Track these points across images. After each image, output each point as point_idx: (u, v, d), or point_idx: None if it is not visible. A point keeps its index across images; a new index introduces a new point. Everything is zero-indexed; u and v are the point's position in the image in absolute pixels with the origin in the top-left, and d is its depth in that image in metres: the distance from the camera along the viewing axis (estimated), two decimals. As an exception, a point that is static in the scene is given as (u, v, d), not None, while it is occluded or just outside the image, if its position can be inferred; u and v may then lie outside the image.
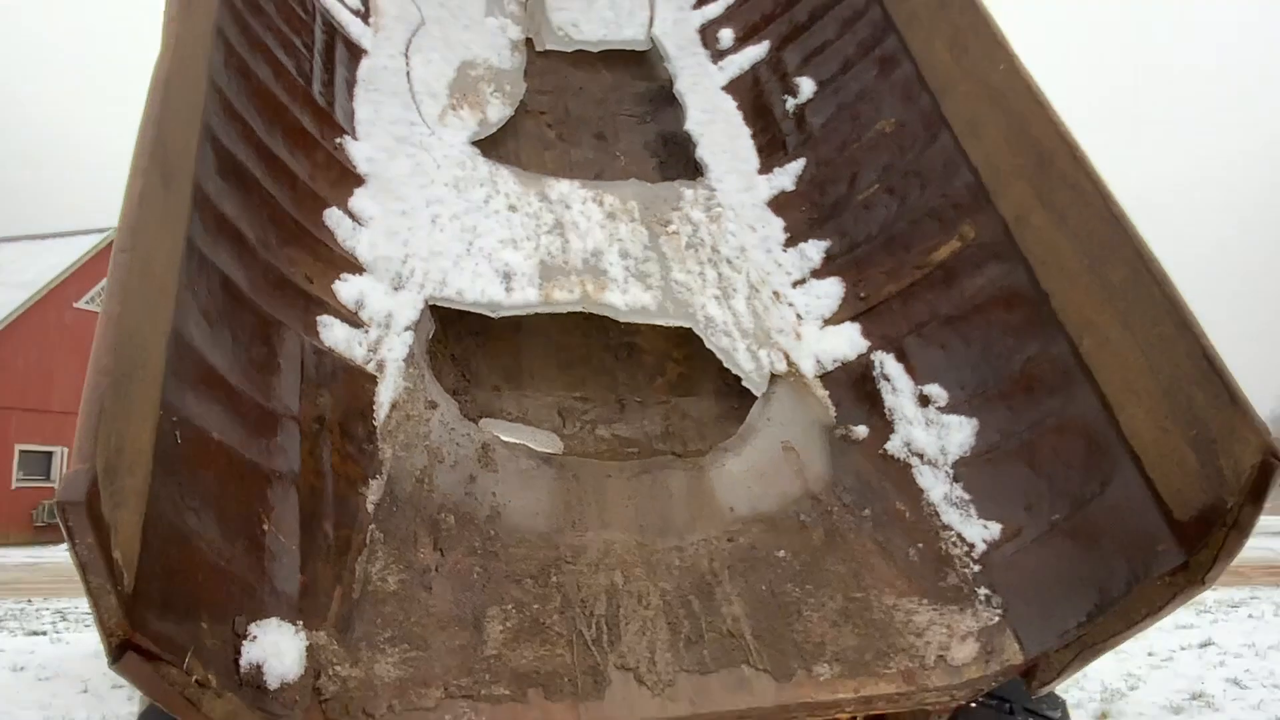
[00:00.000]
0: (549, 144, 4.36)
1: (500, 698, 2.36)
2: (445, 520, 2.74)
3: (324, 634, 2.29)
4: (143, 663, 1.79)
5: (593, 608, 2.60)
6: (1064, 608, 2.64)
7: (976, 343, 3.19)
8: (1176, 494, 2.51)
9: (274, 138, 3.20)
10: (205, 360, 2.36)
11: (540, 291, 3.39)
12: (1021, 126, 3.23)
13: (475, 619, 2.51)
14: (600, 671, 2.46)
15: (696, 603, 2.68)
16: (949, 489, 3.00)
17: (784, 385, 3.38)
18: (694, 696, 2.47)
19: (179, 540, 2.02)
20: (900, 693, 2.60)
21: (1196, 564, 2.43)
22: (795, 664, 2.59)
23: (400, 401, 2.95)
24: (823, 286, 3.66)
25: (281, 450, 2.51)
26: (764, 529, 2.96)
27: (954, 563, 2.86)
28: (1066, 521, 2.75)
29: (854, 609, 2.76)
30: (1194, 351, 2.52)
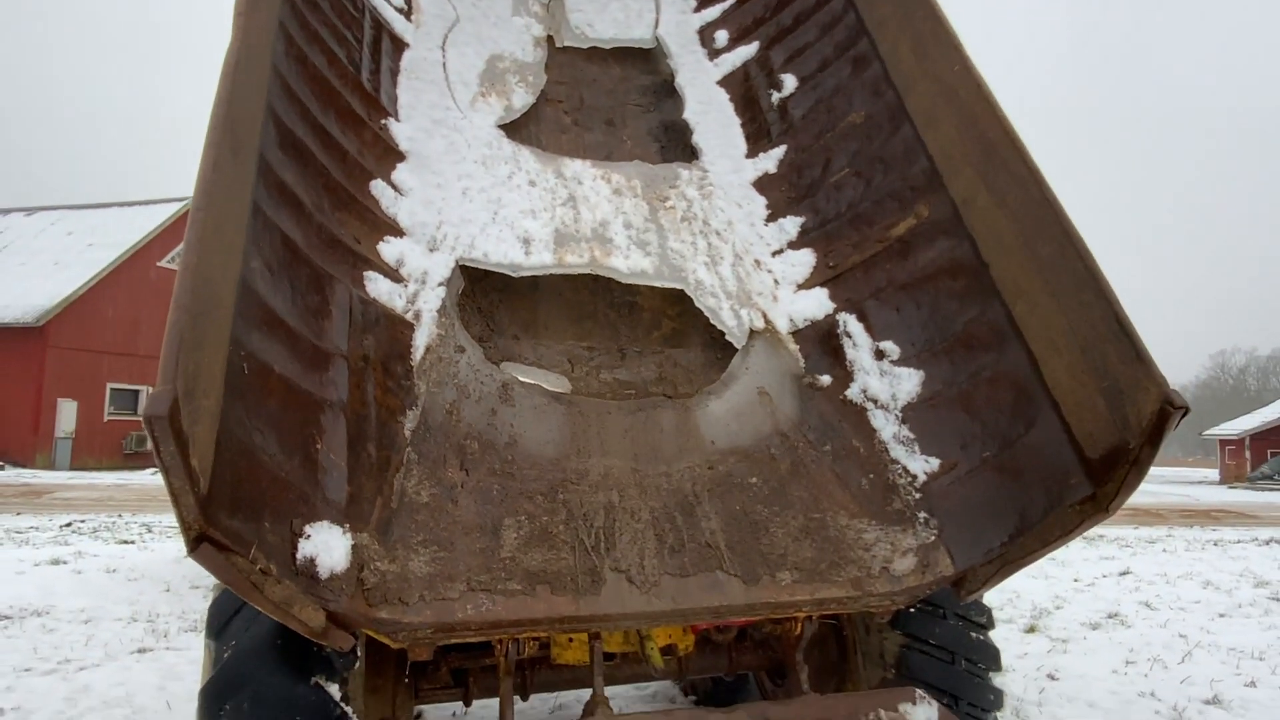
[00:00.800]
0: (565, 129, 4.37)
1: (513, 591, 2.45)
2: (470, 446, 2.82)
3: (366, 535, 2.38)
4: (215, 553, 1.88)
5: (592, 521, 2.68)
6: (990, 529, 2.72)
7: (926, 306, 3.23)
8: (1088, 436, 2.57)
9: (328, 118, 3.23)
10: (268, 305, 2.43)
11: (554, 255, 3.44)
12: (971, 120, 3.24)
13: (494, 527, 2.60)
14: (597, 572, 2.55)
15: (680, 519, 2.76)
16: (897, 429, 3.06)
17: (761, 340, 3.43)
18: (675, 595, 2.56)
19: (246, 454, 2.09)
20: (849, 596, 2.68)
21: (1102, 495, 2.49)
22: (761, 570, 2.67)
23: (433, 345, 3.02)
24: (797, 256, 3.70)
25: (332, 383, 2.58)
26: (739, 460, 3.03)
27: (899, 491, 2.93)
28: (995, 458, 2.81)
29: (813, 527, 2.84)
30: (1108, 315, 2.57)
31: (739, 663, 3.50)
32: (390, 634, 2.31)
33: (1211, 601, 8.44)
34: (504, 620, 2.40)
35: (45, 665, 5.65)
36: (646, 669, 3.37)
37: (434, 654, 3.19)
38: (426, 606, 2.35)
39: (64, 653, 5.94)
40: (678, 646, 3.22)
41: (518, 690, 3.25)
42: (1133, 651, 6.38)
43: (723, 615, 2.61)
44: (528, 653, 2.82)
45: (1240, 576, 9.97)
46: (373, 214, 3.23)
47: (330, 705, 2.49)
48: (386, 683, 3.04)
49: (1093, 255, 2.71)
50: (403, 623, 2.30)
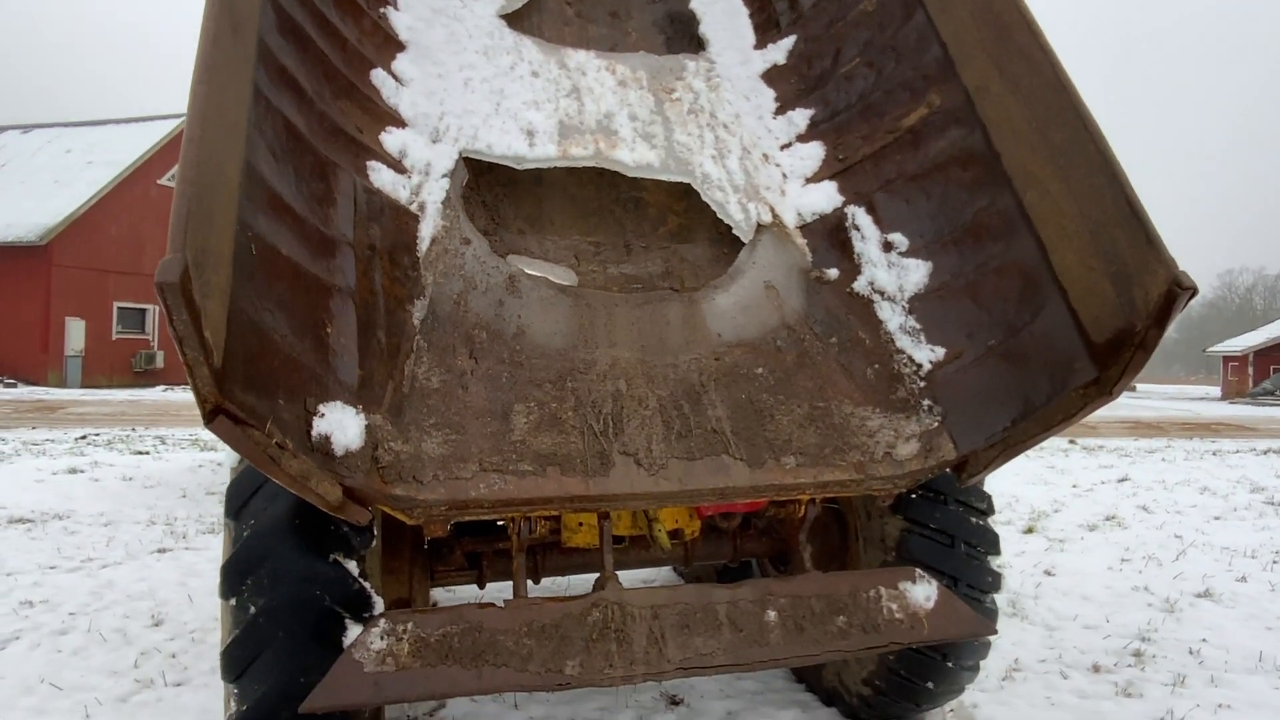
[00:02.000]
0: (568, 20, 4.25)
1: (524, 472, 2.50)
2: (479, 335, 2.84)
3: (379, 417, 2.42)
4: (231, 425, 1.91)
5: (601, 407, 2.72)
6: (993, 414, 2.74)
7: (935, 197, 3.20)
8: (1095, 321, 2.57)
9: (325, 3, 3.14)
10: (273, 189, 2.41)
11: (558, 147, 3.39)
12: (985, 3, 3.15)
13: (504, 412, 2.63)
14: (606, 455, 2.59)
15: (687, 406, 2.79)
16: (904, 320, 3.06)
17: (768, 234, 3.40)
18: (682, 476, 2.61)
19: (257, 333, 2.11)
20: (852, 479, 2.73)
21: (1106, 378, 2.50)
22: (766, 455, 2.72)
23: (439, 237, 3.00)
24: (806, 149, 3.64)
25: (340, 269, 2.58)
26: (745, 352, 3.04)
27: (904, 380, 2.95)
28: (1001, 345, 2.82)
29: (818, 415, 2.87)
30: (1119, 199, 2.54)
31: (743, 550, 3.59)
32: (406, 510, 2.37)
33: (1207, 506, 8.60)
34: (516, 499, 2.45)
35: (69, 563, 5.84)
36: (654, 553, 3.47)
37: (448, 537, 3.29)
38: (440, 485, 2.40)
39: (86, 552, 6.13)
40: (684, 531, 3.30)
41: (530, 573, 3.35)
42: (1128, 550, 6.53)
43: (728, 496, 2.66)
44: (539, 533, 2.90)
45: (1237, 484, 10.12)
46: (374, 104, 3.18)
47: (349, 580, 2.57)
48: (402, 565, 3.14)
49: (1106, 140, 2.66)
50: (418, 499, 2.36)
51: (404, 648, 2.38)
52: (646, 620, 2.58)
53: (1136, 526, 7.47)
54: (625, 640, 2.53)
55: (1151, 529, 7.36)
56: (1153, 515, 8.00)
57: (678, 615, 2.61)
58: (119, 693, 3.71)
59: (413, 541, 3.19)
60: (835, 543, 3.60)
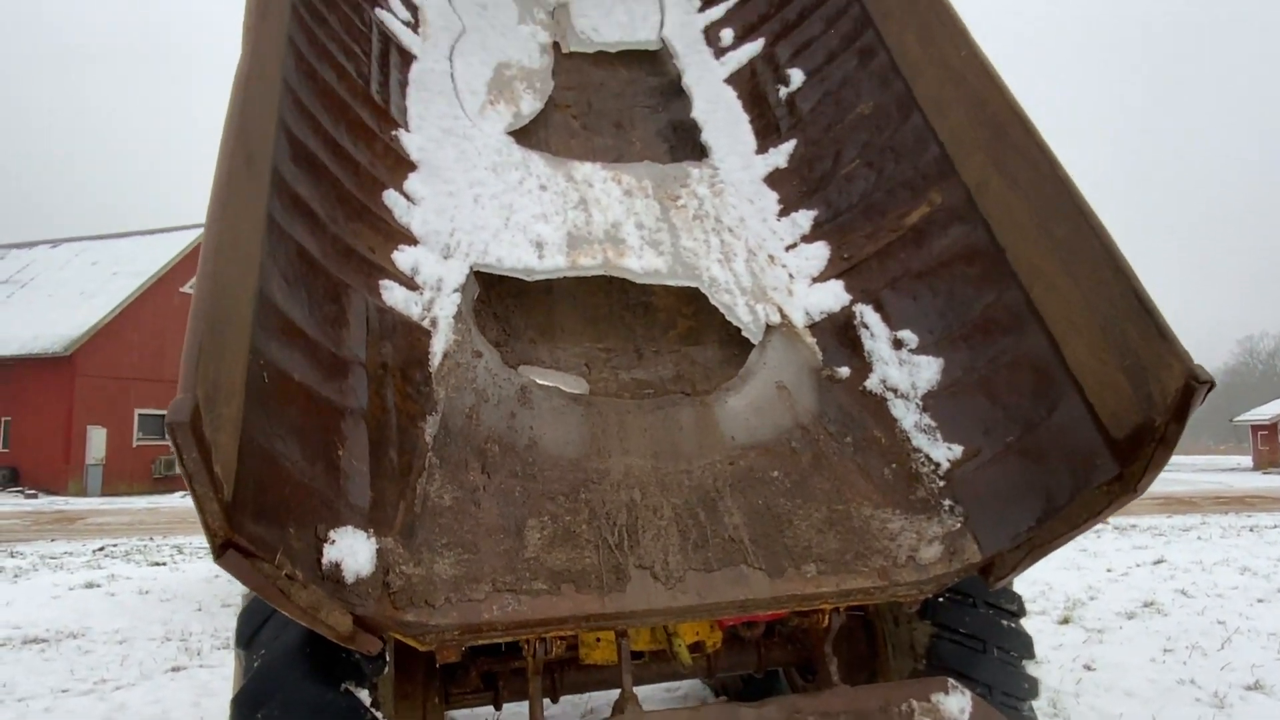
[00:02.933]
0: (574, 133, 4.39)
1: (538, 591, 2.45)
2: (491, 449, 2.83)
3: (391, 540, 2.39)
4: (241, 559, 1.89)
5: (615, 519, 2.68)
6: (1016, 514, 2.68)
7: (943, 293, 3.21)
8: (1113, 416, 2.54)
9: (339, 130, 3.26)
10: (285, 315, 2.45)
11: (567, 258, 3.45)
12: (980, 104, 3.23)
13: (517, 528, 2.60)
14: (622, 570, 2.54)
15: (702, 514, 2.75)
16: (919, 418, 3.03)
17: (778, 334, 3.41)
18: (700, 589, 2.55)
19: (269, 461, 2.11)
20: (875, 586, 2.66)
21: (1130, 475, 2.46)
22: (786, 563, 2.66)
23: (451, 351, 3.03)
24: (811, 249, 3.69)
25: (352, 390, 2.60)
26: (760, 454, 3.01)
27: (922, 479, 2.90)
28: (1019, 442, 2.78)
29: (837, 519, 2.82)
30: (1127, 292, 2.54)
31: (768, 659, 3.48)
32: (418, 636, 2.32)
33: (1249, 587, 8.31)
34: (530, 620, 2.40)
35: (82, 686, 5.73)
36: (675, 667, 3.36)
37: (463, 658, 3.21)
38: (453, 608, 2.35)
39: (100, 673, 6.02)
40: (705, 643, 3.20)
41: (547, 692, 3.25)
42: (1170, 639, 6.28)
43: (749, 609, 2.59)
44: (556, 653, 2.82)
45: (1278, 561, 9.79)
46: (386, 223, 3.26)
47: (360, 711, 2.50)
48: (416, 689, 3.05)
49: (1109, 233, 2.68)
50: (430, 625, 2.31)
51: None
52: (668, 746, 2.48)
53: (1177, 613, 7.21)
54: (646, 767, 2.42)
55: (1193, 615, 7.10)
56: (1193, 600, 7.73)
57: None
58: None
59: (426, 663, 3.11)
60: (863, 650, 3.48)
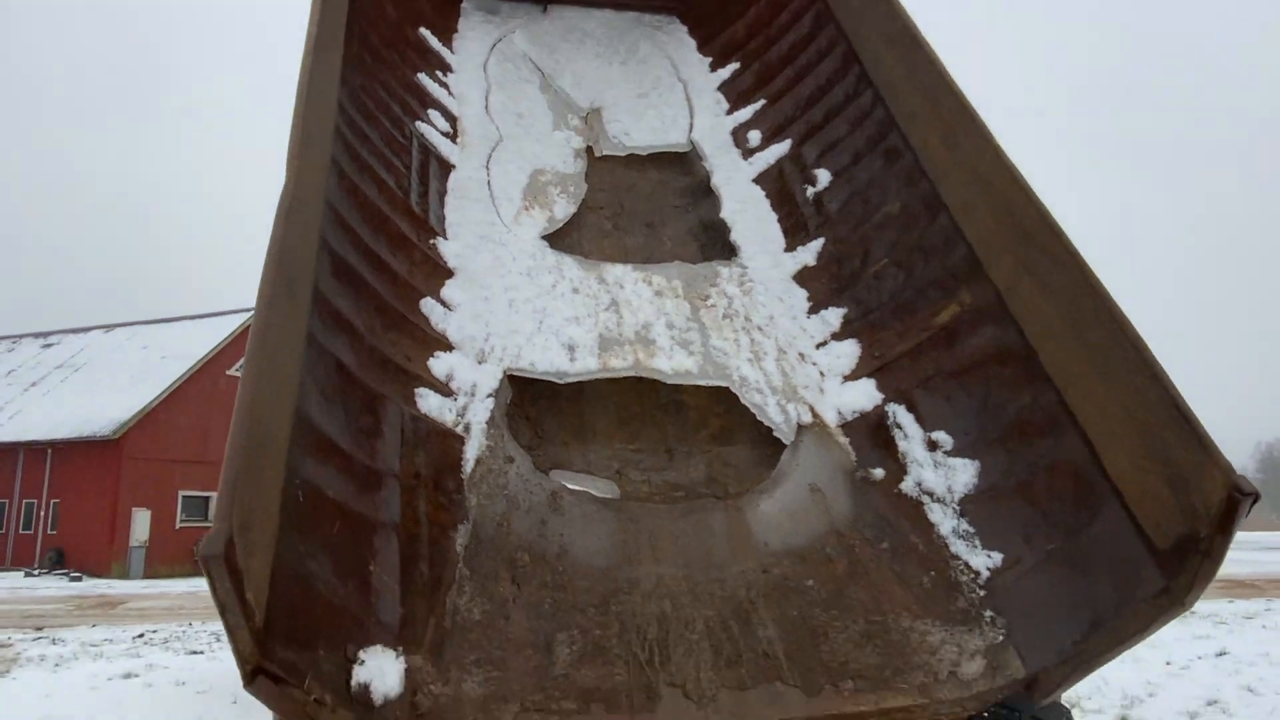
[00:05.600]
0: (607, 233, 4.50)
1: (568, 711, 2.41)
2: (521, 558, 2.82)
3: (420, 658, 2.38)
4: (271, 685, 1.89)
5: (646, 632, 2.64)
6: (1061, 627, 2.60)
7: (976, 394, 3.18)
8: (1156, 525, 2.47)
9: (378, 242, 3.38)
10: (322, 431, 2.50)
11: (599, 360, 3.49)
12: (1007, 207, 3.25)
13: (547, 643, 2.57)
14: (653, 688, 2.49)
15: (735, 627, 2.70)
16: (956, 523, 2.98)
17: (810, 434, 3.40)
18: (734, 709, 2.49)
19: (301, 582, 2.13)
20: (916, 704, 2.57)
21: (1177, 587, 2.38)
22: (823, 680, 2.59)
23: (483, 458, 3.06)
24: (842, 347, 3.69)
25: (385, 503, 2.63)
26: (794, 561, 2.97)
27: (962, 588, 2.83)
28: (1060, 550, 2.71)
29: (875, 631, 2.75)
30: (1165, 400, 2.50)
31: (809, 774, 3.35)
32: (445, 760, 2.29)
33: (1322, 684, 7.84)
34: None
35: (117, 787, 5.67)
36: None
37: None
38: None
39: (134, 773, 5.96)
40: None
41: None
42: (1238, 744, 5.93)
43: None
44: None
45: (1352, 653, 9.26)
46: (423, 331, 3.34)
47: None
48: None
49: (1143, 340, 2.65)
50: None
51: None
52: None
53: (1243, 713, 6.82)
54: None
55: (1262, 715, 6.71)
56: (1261, 698, 7.31)
57: None
58: None
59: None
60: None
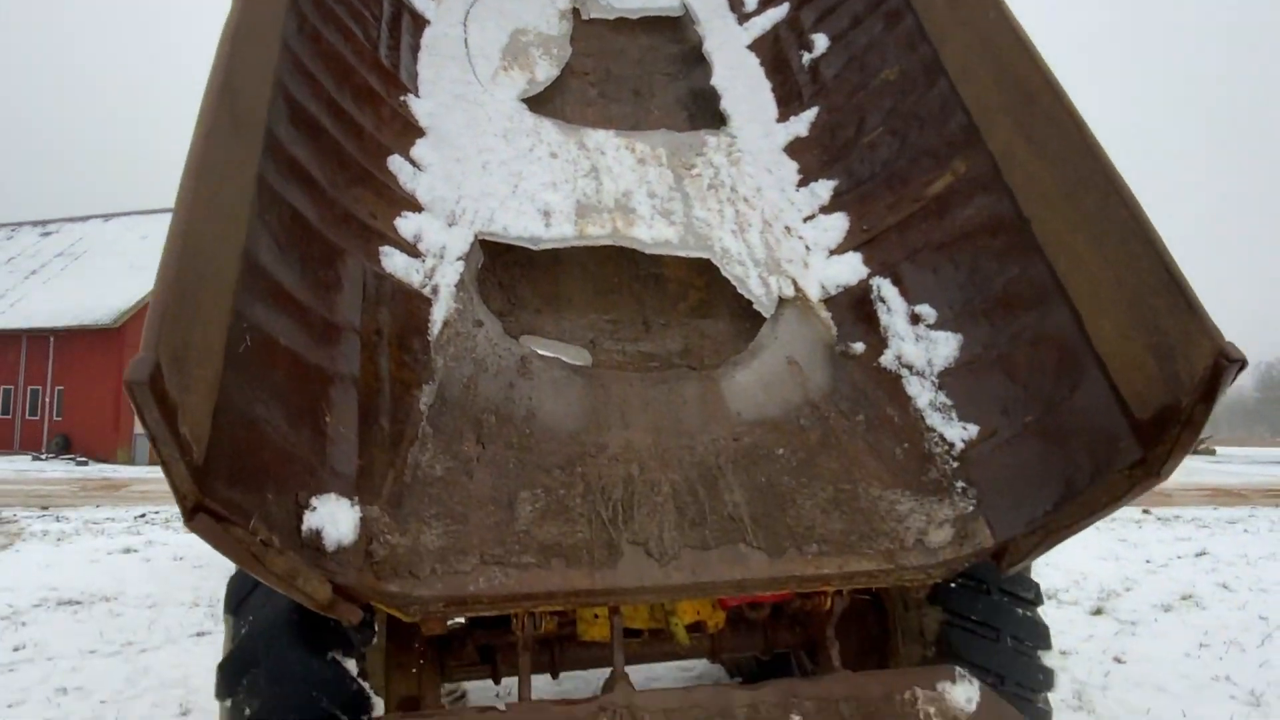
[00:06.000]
0: (591, 101, 4.29)
1: (527, 565, 2.39)
2: (487, 419, 2.77)
3: (376, 509, 2.34)
4: (213, 523, 1.85)
5: (611, 494, 2.61)
6: (1033, 498, 2.56)
7: (964, 266, 3.07)
8: (1137, 396, 2.40)
9: (342, 93, 3.20)
10: (274, 278, 2.40)
11: (575, 227, 3.36)
12: (1008, 68, 3.06)
13: (509, 501, 2.54)
14: (614, 545, 2.47)
15: (702, 491, 2.66)
16: (934, 396, 2.91)
17: (791, 308, 3.30)
18: (695, 567, 2.47)
19: (248, 425, 2.07)
20: (880, 569, 2.56)
21: (1154, 458, 2.32)
22: (787, 543, 2.56)
23: (451, 320, 2.97)
24: (830, 221, 3.55)
25: (344, 357, 2.55)
26: (766, 431, 2.91)
27: (935, 460, 2.78)
28: (1038, 422, 2.65)
29: (843, 499, 2.71)
30: (1156, 265, 2.39)
31: (775, 640, 3.39)
32: (401, 607, 2.28)
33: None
34: (517, 593, 2.34)
35: (110, 648, 5.84)
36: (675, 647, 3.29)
37: (460, 630, 3.18)
38: (438, 580, 2.30)
39: (128, 635, 6.13)
40: (707, 624, 3.12)
41: (544, 668, 3.21)
42: (1207, 634, 6.05)
43: (746, 589, 2.51)
44: (546, 628, 2.77)
45: (1329, 557, 9.41)
46: (389, 189, 3.20)
47: (346, 680, 2.47)
48: (411, 660, 3.02)
49: (1139, 203, 2.52)
50: (413, 596, 2.26)
51: None
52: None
53: (1216, 607, 6.95)
54: (635, 747, 2.36)
55: (1233, 610, 6.84)
56: (1234, 594, 7.44)
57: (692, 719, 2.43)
58: (136, 789, 3.63)
59: (423, 635, 3.07)
60: (874, 636, 3.37)
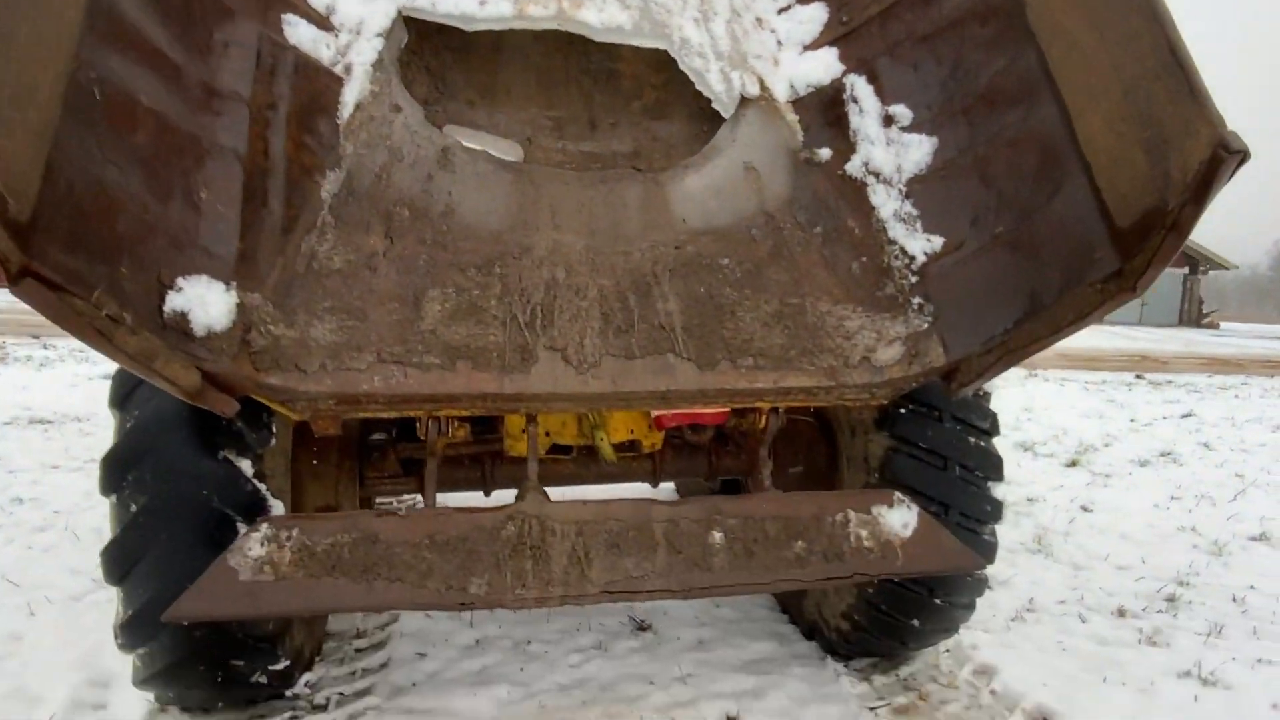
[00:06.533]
0: None
1: (429, 365, 2.19)
2: (399, 213, 2.50)
3: (259, 296, 2.11)
4: (45, 290, 1.63)
5: (531, 296, 2.37)
6: (993, 314, 2.32)
7: (947, 60, 2.70)
8: (1121, 200, 2.11)
9: None
10: (138, 29, 2.06)
11: (514, 6, 2.96)
12: None
13: (415, 298, 2.31)
14: (528, 350, 2.26)
15: (633, 299, 2.43)
16: (899, 205, 2.62)
17: (754, 109, 2.95)
18: (616, 377, 2.27)
19: (96, 189, 1.80)
20: (820, 386, 2.35)
21: (1130, 270, 2.06)
22: (720, 355, 2.35)
23: (365, 103, 2.64)
24: (807, 12, 3.14)
25: (227, 128, 2.24)
26: (713, 240, 2.65)
27: (893, 274, 2.53)
28: (1009, 233, 2.37)
29: (788, 313, 2.48)
30: (1159, 44, 2.04)
31: (719, 467, 3.26)
32: (285, 403, 2.09)
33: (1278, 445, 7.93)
34: (415, 395, 2.15)
35: (73, 464, 5.83)
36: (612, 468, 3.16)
37: (382, 442, 3.03)
38: (327, 376, 2.11)
39: (93, 453, 6.10)
40: (642, 443, 2.97)
41: (476, 484, 3.09)
42: (1180, 488, 6.00)
43: (670, 401, 2.31)
44: (456, 436, 2.60)
45: (1316, 423, 9.34)
46: None
47: (240, 480, 2.32)
48: (328, 469, 2.89)
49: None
50: (299, 391, 2.07)
51: (286, 556, 2.13)
52: (569, 538, 2.27)
53: (1194, 464, 6.89)
54: (543, 559, 2.23)
55: (1211, 467, 6.79)
56: (1214, 453, 7.39)
57: (607, 533, 2.30)
58: (73, 591, 3.61)
59: (340, 444, 2.93)
60: (823, 468, 3.23)
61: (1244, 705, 2.93)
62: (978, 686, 3.03)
